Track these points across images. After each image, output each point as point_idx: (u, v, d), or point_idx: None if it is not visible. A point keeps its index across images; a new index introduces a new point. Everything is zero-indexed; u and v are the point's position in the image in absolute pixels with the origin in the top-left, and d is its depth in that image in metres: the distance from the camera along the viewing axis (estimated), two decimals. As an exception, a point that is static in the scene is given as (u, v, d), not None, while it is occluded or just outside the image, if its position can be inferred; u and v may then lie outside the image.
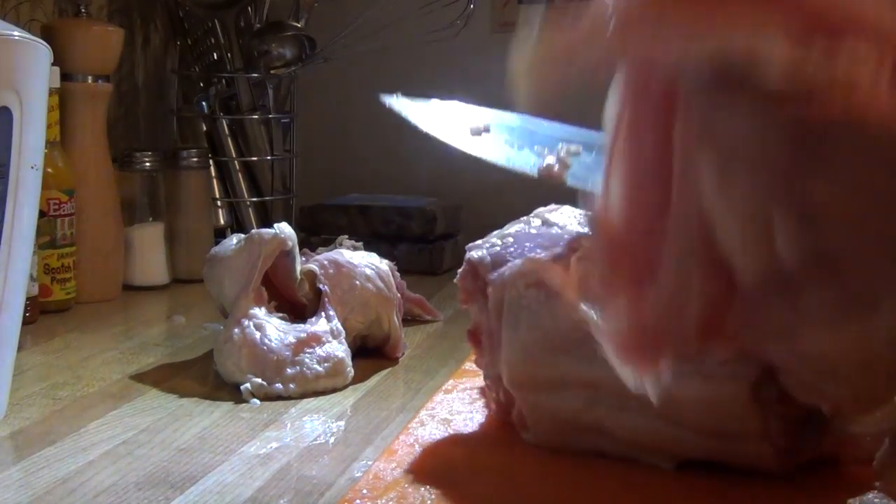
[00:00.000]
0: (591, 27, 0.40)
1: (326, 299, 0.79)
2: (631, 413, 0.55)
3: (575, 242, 0.58)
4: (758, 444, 0.54)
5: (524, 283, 0.58)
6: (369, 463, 0.59)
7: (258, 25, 1.30)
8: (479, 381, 0.72)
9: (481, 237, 0.66)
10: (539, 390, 0.59)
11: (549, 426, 0.59)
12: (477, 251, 0.63)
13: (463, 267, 0.64)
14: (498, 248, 0.62)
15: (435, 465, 0.57)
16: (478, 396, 0.70)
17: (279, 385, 0.73)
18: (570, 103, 0.42)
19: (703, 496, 0.54)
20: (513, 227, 0.65)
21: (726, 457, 0.55)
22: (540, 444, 0.60)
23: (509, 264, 0.60)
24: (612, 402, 0.56)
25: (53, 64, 0.69)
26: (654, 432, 0.55)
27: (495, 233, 0.65)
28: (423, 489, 0.53)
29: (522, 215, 0.70)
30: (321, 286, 0.80)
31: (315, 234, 1.25)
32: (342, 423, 0.68)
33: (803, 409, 0.51)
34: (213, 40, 1.30)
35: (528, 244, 0.61)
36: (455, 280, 0.65)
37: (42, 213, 0.95)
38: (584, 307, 0.53)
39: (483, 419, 0.66)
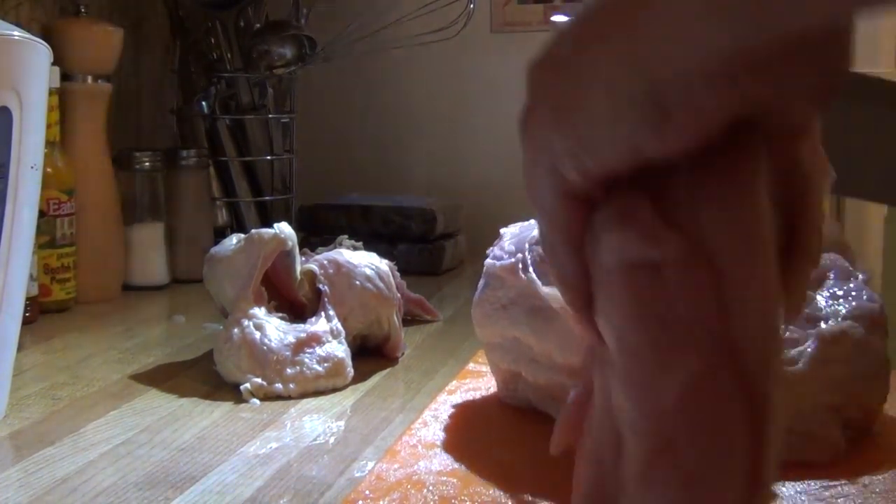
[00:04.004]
0: None
1: (326, 299, 0.79)
2: (538, 366, 0.64)
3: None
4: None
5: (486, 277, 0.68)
6: (369, 463, 0.59)
7: (258, 25, 1.30)
8: (483, 381, 0.72)
9: (481, 237, 0.70)
10: (490, 345, 0.68)
11: (501, 379, 0.69)
12: (510, 228, 0.70)
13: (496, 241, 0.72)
14: (513, 230, 0.69)
15: (438, 466, 0.57)
16: (482, 397, 0.70)
17: (279, 385, 0.73)
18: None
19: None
20: None
21: None
22: (502, 398, 0.69)
23: (496, 247, 0.68)
24: (527, 355, 0.64)
25: (53, 64, 0.69)
26: (551, 383, 0.63)
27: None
28: (425, 490, 0.53)
29: (522, 215, 0.71)
30: (321, 286, 0.80)
31: (315, 234, 1.25)
32: (342, 423, 0.68)
33: None
34: (213, 40, 1.30)
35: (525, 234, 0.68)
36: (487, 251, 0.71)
37: (42, 213, 0.95)
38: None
39: (486, 420, 0.66)
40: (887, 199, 0.62)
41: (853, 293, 0.63)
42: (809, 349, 0.58)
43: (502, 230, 0.70)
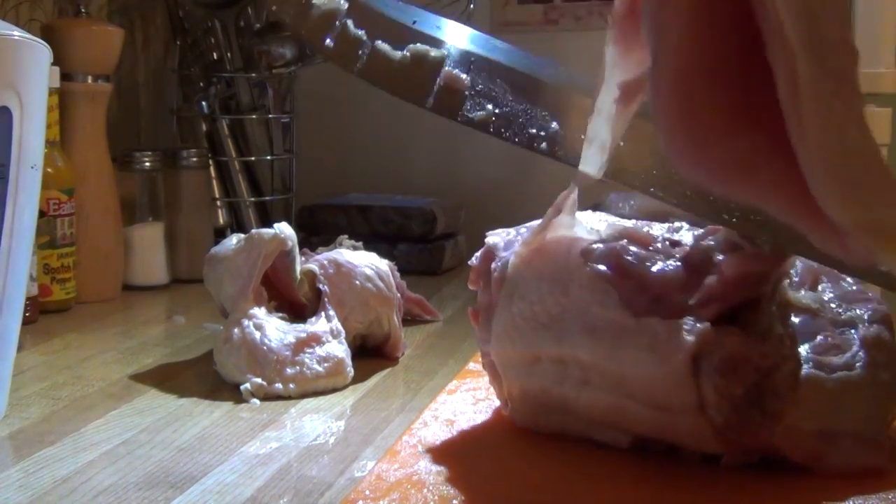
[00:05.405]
0: None
1: (326, 299, 0.79)
2: (591, 388, 0.59)
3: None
4: (695, 419, 0.54)
5: (523, 258, 0.62)
6: (369, 463, 0.59)
7: (258, 25, 1.30)
8: (483, 381, 0.72)
9: (481, 237, 0.67)
10: (516, 366, 0.62)
11: (521, 402, 0.63)
12: (494, 236, 0.66)
13: (480, 250, 0.67)
14: (512, 236, 0.66)
15: (438, 466, 0.57)
16: (482, 397, 0.70)
17: (279, 385, 0.73)
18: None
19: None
20: (533, 223, 0.67)
21: (670, 433, 0.56)
22: (516, 420, 0.64)
23: (508, 250, 0.64)
24: (576, 377, 0.59)
25: (53, 64, 0.68)
26: (609, 407, 0.58)
27: (513, 227, 0.68)
28: (425, 490, 0.53)
29: (522, 215, 0.71)
30: (321, 286, 0.80)
31: (315, 234, 1.25)
32: (342, 423, 0.68)
33: (747, 384, 0.53)
34: (213, 40, 1.30)
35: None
36: (470, 262, 0.67)
37: (42, 213, 0.95)
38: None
39: (487, 420, 0.66)
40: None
41: (859, 296, 0.62)
42: (861, 353, 0.58)
43: (489, 240, 0.66)
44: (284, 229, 0.79)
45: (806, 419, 0.55)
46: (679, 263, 0.57)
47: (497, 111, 0.61)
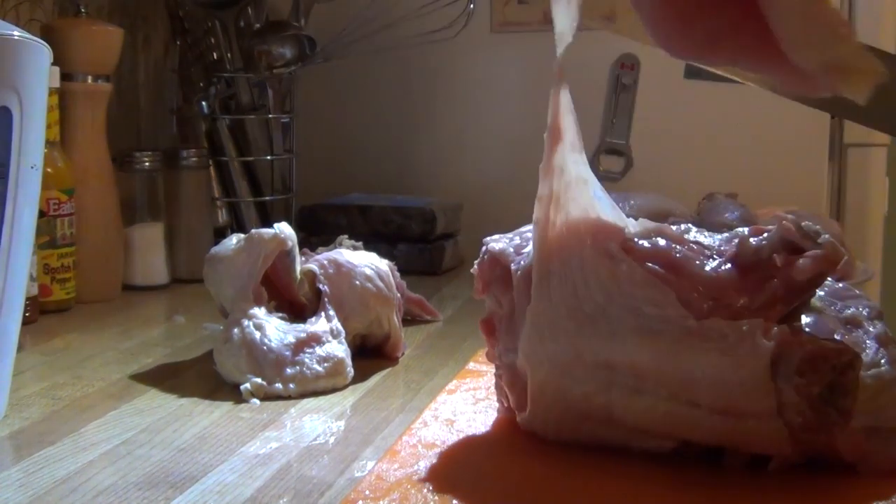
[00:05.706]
0: None
1: (326, 299, 0.79)
2: (645, 396, 0.56)
3: None
4: (769, 422, 0.53)
5: (554, 235, 0.58)
6: (369, 463, 0.59)
7: (258, 25, 1.30)
8: (483, 381, 0.72)
9: (481, 237, 0.66)
10: (552, 368, 0.58)
11: (548, 409, 0.59)
12: (497, 242, 0.63)
13: (480, 258, 0.64)
14: (518, 241, 0.63)
15: (438, 465, 0.57)
16: (482, 397, 0.70)
17: (279, 385, 0.73)
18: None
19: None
20: (529, 226, 0.65)
21: (740, 438, 0.55)
22: (532, 428, 0.60)
23: (526, 249, 0.61)
24: (627, 384, 0.56)
25: (53, 64, 0.69)
26: (666, 415, 0.55)
27: (510, 233, 0.65)
28: (425, 490, 0.53)
29: (522, 215, 0.70)
30: (321, 286, 0.80)
31: (315, 234, 1.25)
32: (342, 423, 0.68)
33: (823, 383, 0.53)
34: (213, 40, 1.30)
35: None
36: (472, 270, 0.65)
37: (42, 213, 0.95)
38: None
39: (487, 420, 0.66)
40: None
41: (847, 293, 0.62)
42: (883, 351, 0.57)
43: (494, 246, 0.63)
44: (284, 229, 0.79)
45: (855, 417, 0.55)
46: (729, 264, 0.55)
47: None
